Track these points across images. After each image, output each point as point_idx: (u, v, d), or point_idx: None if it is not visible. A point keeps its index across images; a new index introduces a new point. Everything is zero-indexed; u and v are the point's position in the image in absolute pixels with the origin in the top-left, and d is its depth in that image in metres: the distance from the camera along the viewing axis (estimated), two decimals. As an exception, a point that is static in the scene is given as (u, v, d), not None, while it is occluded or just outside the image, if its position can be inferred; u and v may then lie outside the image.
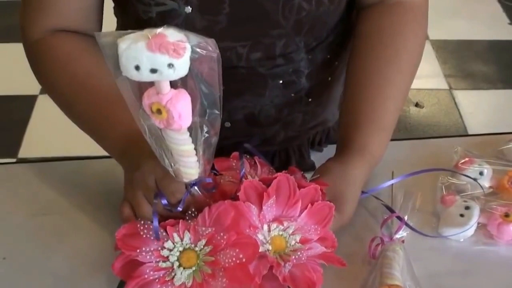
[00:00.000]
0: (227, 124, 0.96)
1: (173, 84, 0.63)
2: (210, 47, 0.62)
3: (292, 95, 0.97)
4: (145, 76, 0.61)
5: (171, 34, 0.60)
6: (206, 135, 0.69)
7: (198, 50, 0.61)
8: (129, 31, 0.61)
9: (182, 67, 0.60)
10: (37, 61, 0.94)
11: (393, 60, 0.91)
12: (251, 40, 0.89)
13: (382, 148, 0.89)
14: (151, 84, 0.63)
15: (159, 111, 0.63)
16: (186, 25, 0.87)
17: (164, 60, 0.59)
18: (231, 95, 0.91)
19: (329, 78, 1.01)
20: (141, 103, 0.64)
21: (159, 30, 0.60)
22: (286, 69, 0.94)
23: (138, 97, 0.65)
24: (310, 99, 0.99)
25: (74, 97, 0.90)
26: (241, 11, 0.86)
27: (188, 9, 0.85)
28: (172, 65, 0.60)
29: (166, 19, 0.87)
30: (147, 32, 0.60)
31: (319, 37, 0.95)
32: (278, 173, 0.79)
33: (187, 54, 0.60)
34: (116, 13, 1.00)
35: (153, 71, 0.60)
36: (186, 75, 0.62)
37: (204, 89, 0.65)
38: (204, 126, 0.68)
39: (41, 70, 0.94)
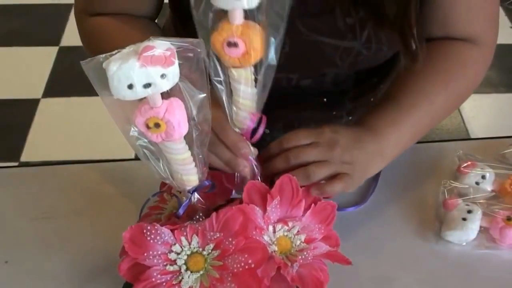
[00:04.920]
0: (266, 131, 0.96)
1: (162, 95, 0.63)
2: (196, 49, 0.62)
3: (334, 113, 0.97)
4: (139, 93, 0.60)
5: (159, 45, 0.60)
6: (200, 137, 0.69)
7: (185, 54, 0.61)
8: (114, 52, 0.60)
9: (174, 74, 0.61)
10: (88, 36, 0.96)
11: (443, 84, 0.88)
12: (303, 72, 0.89)
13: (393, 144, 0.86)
14: (137, 102, 0.63)
15: (156, 125, 0.63)
16: None
17: (157, 72, 0.59)
18: (274, 105, 0.91)
19: (372, 99, 1.01)
20: (134, 122, 0.64)
21: (146, 43, 0.60)
22: (331, 90, 0.94)
23: (128, 118, 0.65)
24: (350, 117, 0.99)
25: None
26: (300, 51, 0.86)
27: None
28: (165, 75, 0.60)
29: None
30: (133, 48, 0.60)
31: (371, 68, 0.95)
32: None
33: (177, 61, 0.60)
34: (174, 25, 1.01)
35: (147, 85, 0.60)
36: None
37: (192, 92, 0.65)
38: (195, 129, 0.68)
39: (92, 42, 0.95)
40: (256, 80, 0.70)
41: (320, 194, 0.79)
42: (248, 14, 0.64)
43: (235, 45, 0.64)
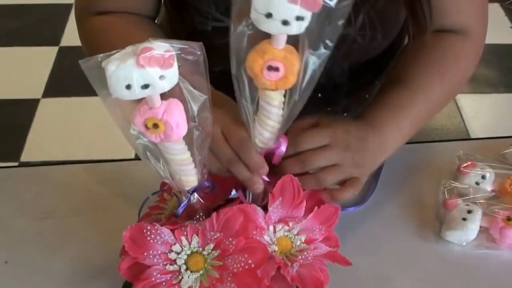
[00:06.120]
0: None
1: (162, 95, 0.63)
2: (196, 51, 0.62)
3: (329, 109, 0.97)
4: (137, 93, 0.60)
5: (157, 46, 0.60)
6: (200, 138, 0.69)
7: (184, 56, 0.61)
8: (113, 51, 0.60)
9: (173, 76, 0.61)
10: (92, 34, 0.95)
11: (438, 76, 0.90)
12: None
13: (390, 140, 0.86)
14: (136, 102, 0.63)
15: (155, 126, 0.63)
16: None
17: (155, 73, 0.59)
18: None
19: (367, 96, 1.01)
20: (133, 122, 0.64)
21: (145, 44, 0.60)
22: (326, 85, 0.93)
23: (128, 118, 0.65)
24: (345, 114, 0.99)
25: None
26: None
27: None
28: (163, 77, 0.60)
29: (220, 34, 0.87)
30: (132, 48, 0.60)
31: (365, 61, 0.95)
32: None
33: (175, 62, 0.60)
34: (169, 19, 1.00)
35: (145, 86, 0.60)
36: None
37: (193, 93, 0.65)
38: (195, 130, 0.68)
39: (95, 42, 0.94)
40: (284, 102, 0.70)
41: (331, 200, 0.79)
42: (290, 39, 0.63)
43: (276, 69, 0.64)
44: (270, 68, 0.64)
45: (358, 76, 0.97)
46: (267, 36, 0.63)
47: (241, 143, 0.74)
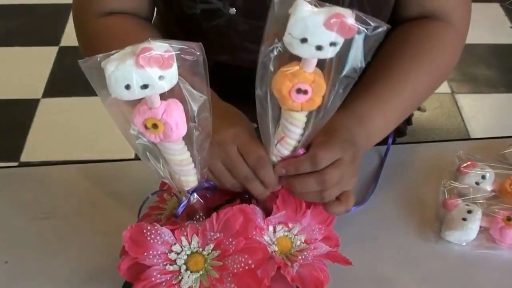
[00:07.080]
0: (254, 124, 0.96)
1: (161, 95, 0.63)
2: (196, 52, 0.62)
3: None
4: (136, 93, 0.60)
5: (157, 46, 0.60)
6: (199, 138, 0.69)
7: (183, 56, 0.61)
8: (113, 51, 0.61)
9: (172, 76, 0.61)
10: (94, 37, 0.94)
11: (426, 66, 0.90)
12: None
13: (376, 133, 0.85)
14: (136, 102, 0.63)
15: (155, 126, 0.63)
16: (228, 25, 0.87)
17: (154, 74, 0.59)
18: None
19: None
20: (133, 122, 0.64)
21: (144, 44, 0.60)
22: None
23: (127, 118, 0.65)
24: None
25: None
26: None
27: (233, 10, 0.86)
28: (163, 77, 0.60)
29: (209, 17, 0.87)
30: (131, 49, 0.60)
31: None
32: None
33: (175, 63, 0.60)
34: (157, 5, 1.01)
35: (145, 86, 0.60)
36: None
37: (192, 93, 0.65)
38: (195, 130, 0.68)
39: (97, 45, 0.93)
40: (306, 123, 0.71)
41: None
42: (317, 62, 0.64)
43: (305, 92, 0.65)
44: (299, 90, 0.64)
45: None
46: (294, 58, 0.64)
47: (260, 161, 0.74)
